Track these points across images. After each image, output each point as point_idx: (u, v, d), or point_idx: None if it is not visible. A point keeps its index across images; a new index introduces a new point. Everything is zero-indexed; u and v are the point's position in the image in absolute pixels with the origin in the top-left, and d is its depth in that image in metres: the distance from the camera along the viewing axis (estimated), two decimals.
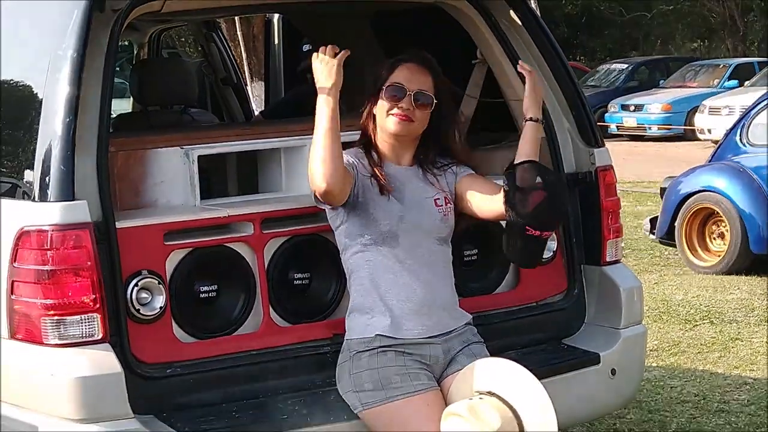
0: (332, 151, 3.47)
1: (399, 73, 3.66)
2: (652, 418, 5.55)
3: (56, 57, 3.44)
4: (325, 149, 3.47)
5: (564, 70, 4.17)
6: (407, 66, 3.67)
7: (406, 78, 3.64)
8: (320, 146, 3.48)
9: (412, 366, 3.57)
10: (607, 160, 4.21)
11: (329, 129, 3.49)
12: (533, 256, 3.78)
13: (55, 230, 3.33)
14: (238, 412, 3.52)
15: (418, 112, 3.64)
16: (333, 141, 3.48)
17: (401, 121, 3.63)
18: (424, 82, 3.66)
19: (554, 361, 4.00)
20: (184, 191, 3.77)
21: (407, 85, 3.63)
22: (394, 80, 3.64)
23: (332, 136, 3.48)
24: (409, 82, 3.64)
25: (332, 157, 3.47)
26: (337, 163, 3.48)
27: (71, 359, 3.33)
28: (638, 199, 13.84)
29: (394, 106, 3.62)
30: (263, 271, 3.69)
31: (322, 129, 3.50)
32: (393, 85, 3.63)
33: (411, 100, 3.63)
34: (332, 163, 3.47)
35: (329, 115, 3.50)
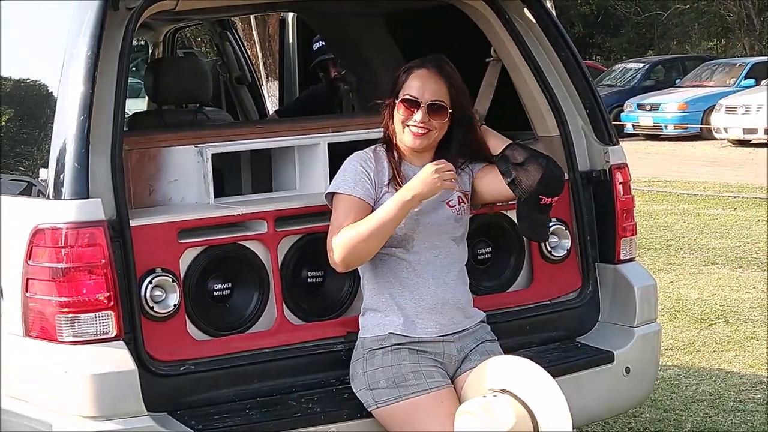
0: (373, 249, 3.52)
1: (412, 83, 3.62)
2: (667, 417, 5.53)
3: (70, 55, 3.45)
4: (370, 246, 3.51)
5: (578, 68, 4.16)
6: (419, 74, 3.62)
7: (419, 89, 3.60)
8: (366, 241, 3.49)
9: (426, 364, 3.57)
10: (622, 158, 4.20)
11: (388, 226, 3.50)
12: (546, 228, 3.85)
13: (70, 228, 3.34)
14: (251, 410, 3.53)
15: (434, 122, 3.62)
16: (380, 242, 3.52)
17: (417, 137, 3.61)
18: (437, 90, 3.61)
19: (568, 360, 4.00)
20: (197, 189, 3.78)
21: (420, 96, 3.59)
22: (408, 92, 3.60)
23: (384, 236, 3.51)
24: (422, 93, 3.60)
25: (368, 254, 3.53)
26: (365, 259, 3.55)
27: (85, 357, 3.34)
28: (653, 198, 13.80)
29: (409, 119, 3.60)
30: (277, 269, 3.70)
31: (380, 223, 3.50)
32: (406, 98, 3.60)
33: (425, 112, 3.60)
34: (365, 258, 3.53)
35: (400, 214, 3.50)
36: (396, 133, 3.66)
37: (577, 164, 4.13)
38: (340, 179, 3.62)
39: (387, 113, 3.67)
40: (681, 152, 20.51)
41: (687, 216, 12.18)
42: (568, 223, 4.14)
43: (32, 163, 3.61)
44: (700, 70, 24.86)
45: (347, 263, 3.52)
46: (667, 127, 22.78)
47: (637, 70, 26.29)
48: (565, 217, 4.13)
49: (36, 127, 3.64)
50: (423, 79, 3.62)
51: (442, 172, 3.51)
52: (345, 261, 3.51)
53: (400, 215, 3.51)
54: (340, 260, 3.51)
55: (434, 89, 3.61)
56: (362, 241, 3.49)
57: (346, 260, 3.51)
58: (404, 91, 3.62)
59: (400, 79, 3.65)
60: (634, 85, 25.33)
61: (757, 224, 11.36)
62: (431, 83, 3.62)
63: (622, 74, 26.41)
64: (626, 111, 23.54)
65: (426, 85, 3.61)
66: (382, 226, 3.50)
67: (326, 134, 3.95)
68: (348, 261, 3.51)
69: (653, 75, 26.18)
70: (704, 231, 11.09)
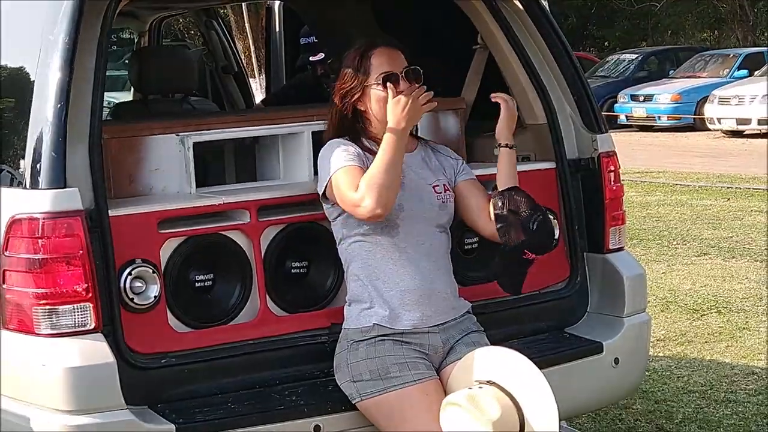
0: (396, 182, 3.44)
1: (378, 61, 3.58)
2: (659, 408, 5.49)
3: (48, 43, 3.39)
4: (392, 178, 3.42)
5: (566, 55, 4.11)
6: (380, 51, 3.59)
7: (388, 62, 3.58)
8: (386, 174, 3.41)
9: (411, 355, 3.52)
10: (610, 146, 4.15)
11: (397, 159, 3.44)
12: (522, 280, 3.78)
13: (47, 218, 3.28)
14: (234, 403, 3.47)
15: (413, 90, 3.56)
16: (398, 173, 3.45)
17: None
18: (402, 59, 3.61)
19: (556, 350, 3.95)
20: (179, 179, 3.72)
21: (394, 68, 3.57)
22: (381, 69, 3.56)
23: (398, 168, 3.45)
24: (392, 65, 3.58)
25: (395, 188, 3.44)
26: (395, 194, 3.45)
27: (63, 349, 3.28)
28: (646, 189, 13.77)
29: (393, 93, 3.55)
30: (260, 260, 3.64)
31: (390, 158, 3.43)
32: (384, 74, 3.55)
33: (405, 80, 3.56)
34: (394, 192, 3.44)
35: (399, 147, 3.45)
36: (369, 117, 3.60)
37: (565, 152, 4.09)
38: (326, 170, 3.56)
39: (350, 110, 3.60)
40: (674, 143, 20.49)
41: (680, 206, 12.15)
42: (556, 212, 4.08)
43: (10, 153, 3.54)
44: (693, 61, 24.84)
45: (384, 202, 3.41)
46: (660, 118, 22.76)
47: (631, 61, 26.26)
48: (552, 206, 4.07)
49: (14, 116, 3.57)
50: (385, 54, 3.59)
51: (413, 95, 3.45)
52: (381, 200, 3.40)
53: (401, 146, 3.45)
54: (376, 200, 3.40)
55: (400, 59, 3.60)
56: (384, 175, 3.41)
57: (381, 199, 3.40)
58: (374, 73, 3.57)
59: (361, 67, 3.58)
60: (628, 76, 25.30)
61: (750, 214, 11.33)
62: (394, 55, 3.60)
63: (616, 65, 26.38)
64: (620, 102, 23.51)
65: (392, 58, 3.59)
66: (390, 158, 3.43)
67: (310, 122, 3.89)
68: (384, 199, 3.40)
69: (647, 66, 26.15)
70: (697, 221, 11.06)
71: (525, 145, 4.21)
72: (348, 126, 3.62)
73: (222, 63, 6.46)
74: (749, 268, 8.71)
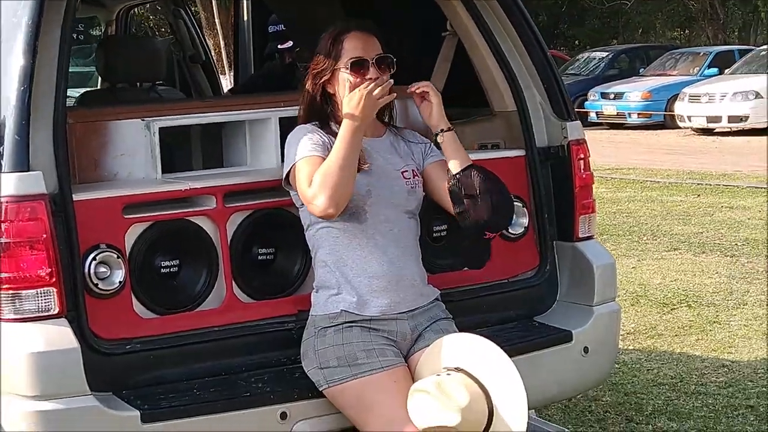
0: (350, 179, 3.40)
1: (350, 45, 3.54)
2: (629, 400, 5.49)
3: (11, 25, 3.34)
4: (346, 175, 3.38)
5: (535, 42, 4.08)
6: (353, 36, 3.56)
7: (360, 48, 3.54)
8: (340, 171, 3.37)
9: (378, 342, 3.49)
10: (580, 134, 4.12)
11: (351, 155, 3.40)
12: (486, 256, 3.80)
13: (9, 201, 3.23)
14: (200, 390, 3.44)
15: (384, 77, 3.53)
16: (353, 169, 3.41)
17: None
18: (375, 45, 3.57)
19: (525, 339, 3.92)
20: (145, 164, 3.68)
21: (365, 54, 3.53)
22: (352, 54, 3.53)
23: (353, 164, 3.40)
24: (364, 51, 3.54)
25: (349, 185, 3.40)
26: (349, 192, 3.41)
27: (26, 334, 3.23)
28: (617, 185, 13.80)
29: (362, 81, 3.52)
30: (226, 246, 3.60)
31: (345, 153, 3.39)
32: (353, 59, 3.53)
33: (376, 68, 3.53)
34: (348, 190, 3.40)
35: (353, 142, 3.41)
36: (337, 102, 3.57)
37: (534, 140, 4.06)
38: (291, 154, 3.53)
39: (317, 86, 3.57)
40: (644, 141, 20.56)
41: (650, 203, 12.18)
42: (525, 201, 4.06)
43: None
44: (663, 59, 24.95)
45: (336, 201, 3.38)
46: (630, 115, 22.84)
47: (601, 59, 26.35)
48: (522, 194, 4.06)
49: None
50: (358, 39, 3.55)
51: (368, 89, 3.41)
52: (333, 199, 3.37)
53: (356, 141, 3.41)
54: (328, 199, 3.37)
55: (373, 45, 3.56)
56: (337, 174, 3.37)
57: (333, 198, 3.37)
58: (345, 56, 3.53)
59: (333, 50, 3.55)
60: (598, 74, 25.38)
61: (720, 210, 11.37)
62: (367, 41, 3.56)
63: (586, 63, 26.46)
64: (590, 100, 23.58)
65: (365, 44, 3.55)
66: (347, 155, 3.39)
67: (278, 108, 3.86)
68: (336, 198, 3.37)
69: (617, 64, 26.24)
70: (667, 217, 11.09)
71: (494, 133, 4.20)
72: (317, 109, 3.59)
73: (190, 52, 6.41)
74: (719, 263, 8.73)
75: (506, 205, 3.67)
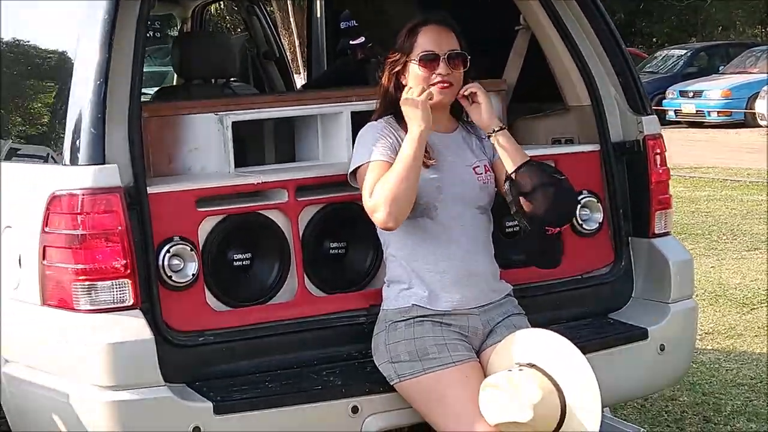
0: (411, 191, 3.39)
1: (424, 38, 3.53)
2: (707, 400, 5.41)
3: (87, 21, 3.38)
4: (407, 186, 3.37)
5: (610, 36, 4.04)
6: (429, 29, 3.54)
7: (434, 42, 3.52)
8: (401, 183, 3.37)
9: (450, 337, 3.47)
10: (656, 129, 4.07)
11: (412, 167, 3.39)
12: (558, 253, 3.70)
13: (86, 194, 3.27)
14: (271, 382, 3.45)
15: (455, 73, 3.53)
16: (415, 180, 3.39)
17: (443, 90, 3.53)
18: (451, 41, 3.54)
19: (600, 336, 3.88)
20: (218, 158, 3.70)
21: (437, 49, 3.51)
22: (424, 48, 3.52)
23: (414, 175, 3.39)
24: (437, 45, 3.52)
25: (410, 197, 3.39)
26: (409, 205, 3.40)
27: (102, 325, 3.27)
28: (695, 184, 13.61)
29: (430, 75, 3.51)
30: (298, 240, 3.61)
31: (404, 166, 3.38)
32: (424, 53, 3.51)
33: (446, 64, 3.51)
34: (408, 203, 3.39)
35: (415, 154, 3.40)
36: None
37: (609, 134, 4.02)
38: (359, 153, 3.53)
39: (392, 83, 3.56)
40: (724, 139, 20.24)
41: (730, 202, 12.00)
42: (600, 196, 4.03)
43: (50, 130, 3.55)
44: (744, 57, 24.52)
45: (395, 216, 3.39)
46: (710, 113, 22.50)
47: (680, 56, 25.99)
48: (596, 190, 4.02)
49: (54, 94, 3.57)
50: (433, 33, 3.53)
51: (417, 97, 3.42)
52: (392, 214, 3.38)
53: (420, 150, 3.41)
54: (387, 214, 3.38)
55: (448, 41, 3.54)
56: (397, 187, 3.37)
57: (392, 213, 3.38)
58: (417, 49, 3.52)
59: (407, 42, 3.54)
60: (677, 72, 25.02)
61: None
62: (443, 36, 3.54)
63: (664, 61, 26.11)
64: (668, 98, 23.26)
65: (439, 38, 3.53)
66: (408, 167, 3.38)
67: (349, 102, 3.86)
68: (395, 213, 3.38)
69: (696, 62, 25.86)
70: (747, 217, 10.91)
71: (568, 128, 4.17)
72: (391, 101, 3.58)
73: (263, 49, 6.44)
74: None
75: (563, 199, 3.58)
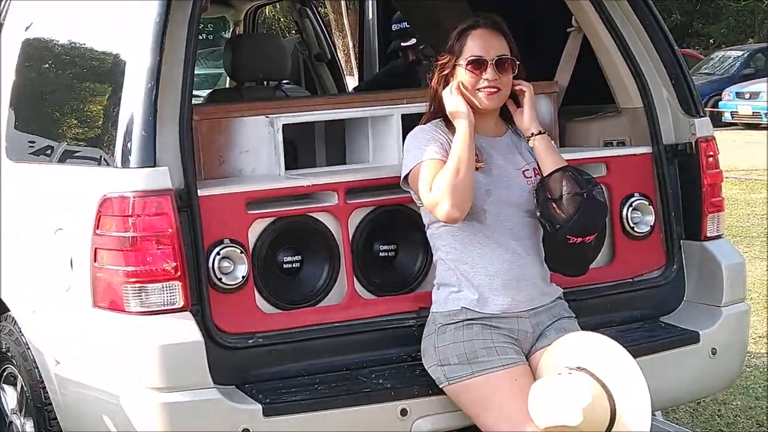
0: (469, 181, 3.40)
1: (473, 42, 3.52)
2: (759, 404, 5.35)
3: (139, 24, 3.41)
4: (464, 177, 3.38)
5: (663, 37, 4.01)
6: (478, 34, 3.53)
7: (482, 46, 3.51)
8: (457, 174, 3.38)
9: (499, 340, 3.46)
10: (709, 131, 4.04)
11: (467, 159, 3.40)
12: (582, 263, 3.65)
13: (137, 196, 3.30)
14: (320, 385, 3.46)
15: (503, 79, 3.52)
16: (471, 170, 3.41)
17: (490, 96, 3.52)
18: (500, 46, 3.53)
19: (651, 339, 3.85)
20: (268, 161, 3.72)
21: (486, 54, 3.50)
22: (472, 52, 3.50)
23: (470, 167, 3.41)
24: (486, 50, 3.50)
25: (469, 187, 3.40)
26: (471, 193, 3.41)
27: (151, 327, 3.30)
28: (752, 187, 13.44)
29: (478, 81, 3.50)
30: (347, 242, 3.62)
31: (458, 158, 3.40)
32: (471, 57, 3.50)
33: (494, 69, 3.50)
34: (469, 192, 3.40)
35: (467, 147, 3.41)
36: None
37: (661, 137, 3.99)
38: (411, 156, 3.52)
39: (441, 86, 3.55)
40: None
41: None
42: (651, 198, 4.00)
43: (102, 133, 3.58)
44: None
45: (459, 206, 3.39)
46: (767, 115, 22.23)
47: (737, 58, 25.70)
48: (648, 192, 3.99)
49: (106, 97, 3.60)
50: (483, 37, 3.52)
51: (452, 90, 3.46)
52: (456, 205, 3.38)
53: (471, 144, 3.42)
54: (451, 206, 3.38)
55: (497, 45, 3.52)
56: (455, 178, 3.37)
57: (456, 203, 3.38)
58: (466, 53, 3.51)
59: (457, 45, 3.53)
60: (733, 73, 24.74)
61: None
62: (492, 40, 3.52)
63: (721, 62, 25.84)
64: (724, 99, 23.02)
65: (489, 42, 3.51)
66: (463, 159, 3.39)
67: (400, 105, 3.86)
68: (458, 203, 3.38)
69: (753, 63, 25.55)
70: None
71: (620, 130, 4.14)
72: (441, 103, 3.57)
73: (315, 51, 6.46)
74: None
75: (588, 210, 3.51)
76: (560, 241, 3.51)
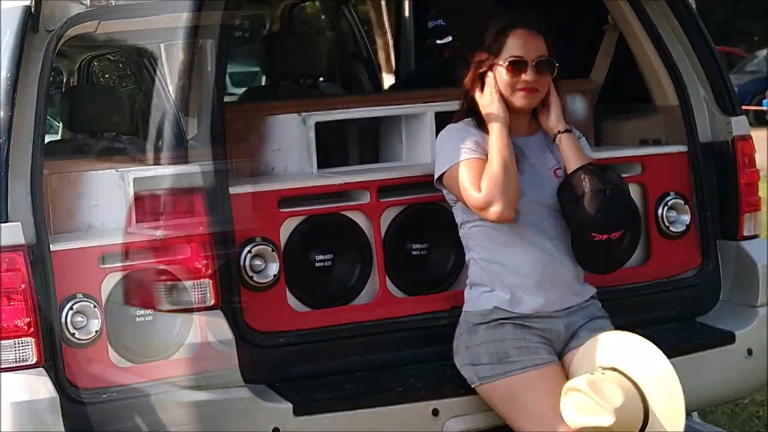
0: (516, 179, 3.41)
1: (512, 42, 3.49)
2: None
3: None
4: (511, 175, 3.40)
5: (700, 35, 3.97)
6: (518, 33, 3.50)
7: (522, 47, 3.48)
8: (506, 173, 3.39)
9: (532, 340, 3.44)
10: (746, 129, 4.00)
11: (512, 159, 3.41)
12: (610, 260, 3.61)
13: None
14: (352, 384, 3.45)
15: (542, 80, 3.50)
16: (515, 167, 3.42)
17: (528, 95, 3.50)
18: (539, 46, 3.50)
19: (686, 340, 3.82)
20: (301, 159, 3.71)
21: (526, 55, 3.47)
22: (512, 53, 3.48)
23: (514, 162, 3.42)
24: (526, 51, 3.48)
25: (516, 185, 3.40)
26: (518, 192, 3.42)
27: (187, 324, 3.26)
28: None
29: (517, 81, 3.48)
30: (379, 241, 3.61)
31: (504, 158, 3.40)
32: (512, 58, 3.48)
33: (533, 70, 3.48)
34: (517, 191, 3.41)
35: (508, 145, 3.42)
36: None
37: (697, 135, 3.96)
38: (446, 155, 3.51)
39: (477, 85, 3.53)
40: None
41: None
42: (687, 197, 3.96)
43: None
44: None
45: (511, 205, 3.39)
46: None
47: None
48: (684, 191, 3.96)
49: None
50: (523, 38, 3.49)
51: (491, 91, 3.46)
52: (510, 205, 3.39)
53: (509, 142, 3.43)
54: (505, 206, 3.38)
55: (537, 46, 3.50)
56: (506, 176, 3.38)
57: (510, 203, 3.38)
58: (506, 53, 3.48)
59: (495, 44, 3.51)
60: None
61: None
62: (532, 40, 3.50)
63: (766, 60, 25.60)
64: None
65: (528, 44, 3.49)
66: (507, 157, 3.40)
67: (433, 103, 3.85)
68: (512, 202, 3.39)
69: None
70: None
71: (656, 128, 4.11)
72: (474, 101, 3.55)
73: (351, 49, 6.45)
74: None
75: (612, 207, 3.48)
76: (586, 239, 3.48)
